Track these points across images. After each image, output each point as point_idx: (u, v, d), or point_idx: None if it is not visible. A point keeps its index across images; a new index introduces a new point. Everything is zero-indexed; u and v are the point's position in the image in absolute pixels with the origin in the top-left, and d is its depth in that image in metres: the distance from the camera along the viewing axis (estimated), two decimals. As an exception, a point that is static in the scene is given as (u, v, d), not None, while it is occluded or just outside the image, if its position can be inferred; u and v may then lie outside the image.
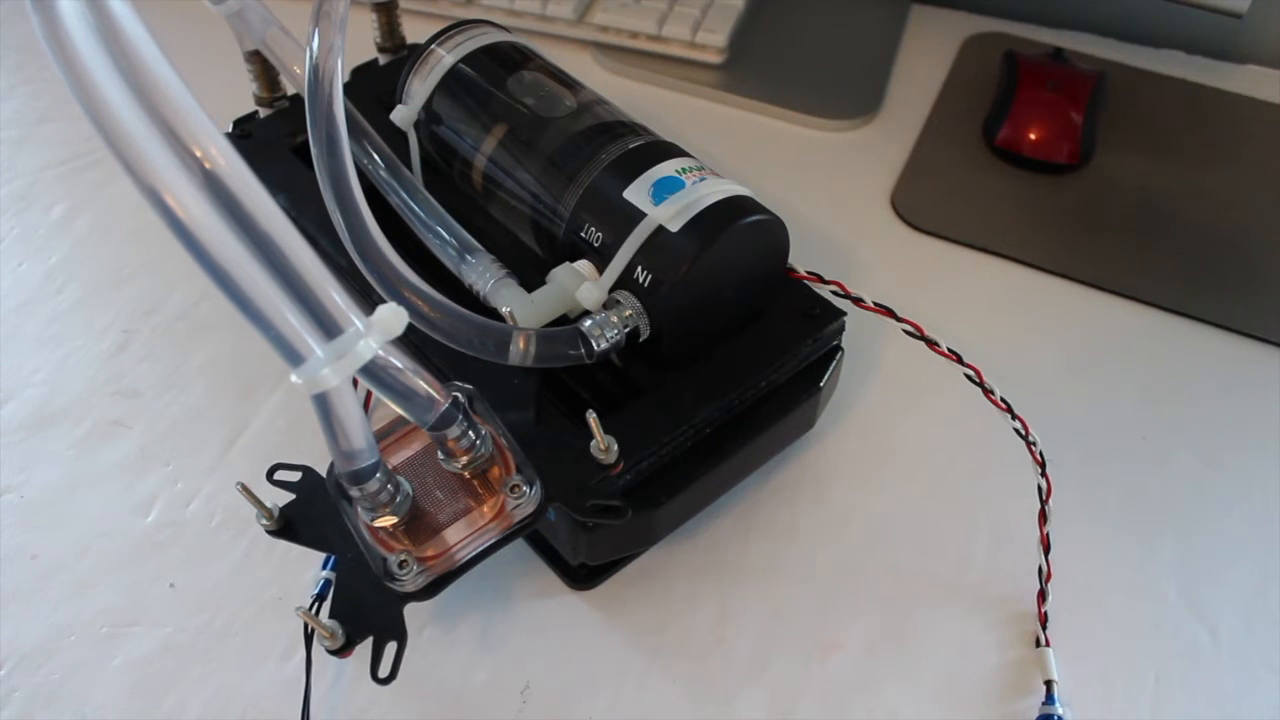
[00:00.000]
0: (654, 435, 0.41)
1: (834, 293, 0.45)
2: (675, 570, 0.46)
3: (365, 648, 0.36)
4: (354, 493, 0.35)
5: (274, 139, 0.53)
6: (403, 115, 0.50)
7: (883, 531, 0.47)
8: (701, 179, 0.43)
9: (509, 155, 0.47)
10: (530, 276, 0.44)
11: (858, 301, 0.45)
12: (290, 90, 0.54)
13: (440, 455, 0.38)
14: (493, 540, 0.37)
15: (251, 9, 0.48)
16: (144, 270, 0.58)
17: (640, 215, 0.42)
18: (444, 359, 0.42)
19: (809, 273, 0.46)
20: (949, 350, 0.44)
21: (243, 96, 0.54)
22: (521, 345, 0.39)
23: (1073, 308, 0.57)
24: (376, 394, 0.32)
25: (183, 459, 0.50)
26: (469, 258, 0.44)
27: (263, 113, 0.55)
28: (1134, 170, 0.64)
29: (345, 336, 0.29)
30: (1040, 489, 0.44)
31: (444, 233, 0.45)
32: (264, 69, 0.53)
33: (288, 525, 0.39)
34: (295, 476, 0.40)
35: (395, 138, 0.49)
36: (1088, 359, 0.54)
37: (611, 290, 0.42)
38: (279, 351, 0.28)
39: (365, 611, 0.37)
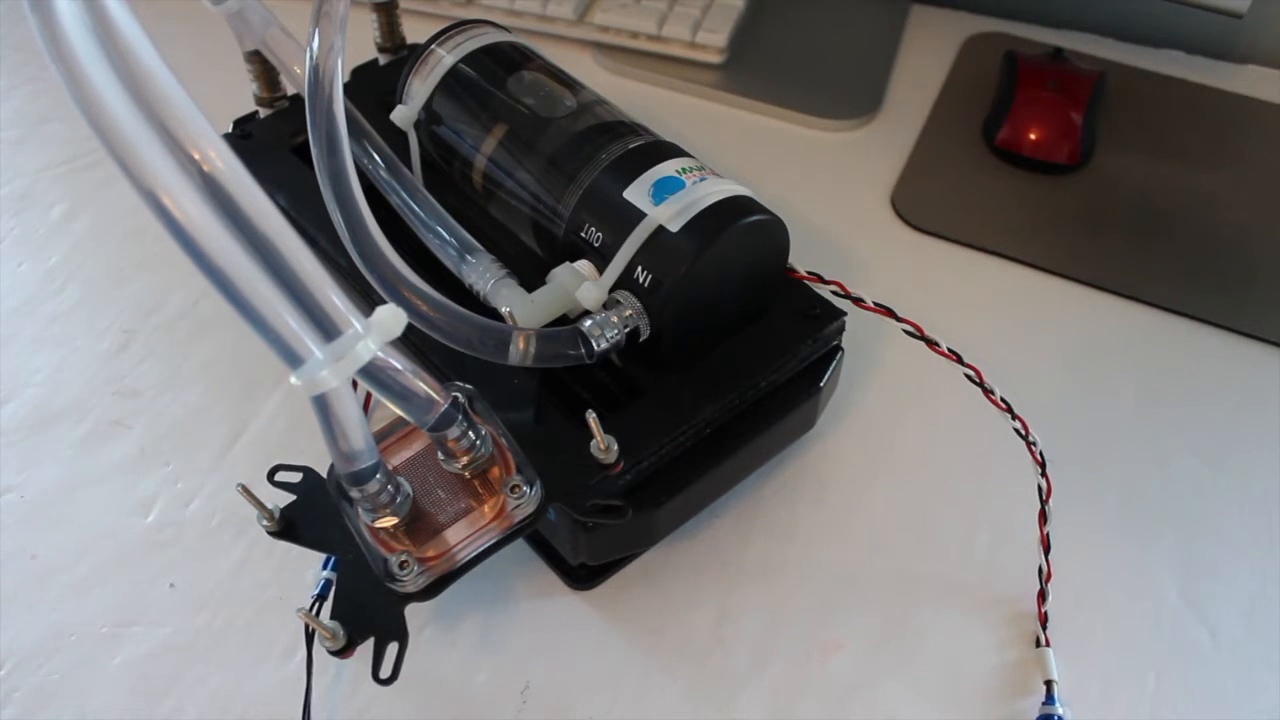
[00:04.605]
0: (654, 435, 0.41)
1: (834, 293, 0.45)
2: (675, 570, 0.46)
3: (366, 648, 0.36)
4: (354, 494, 0.35)
5: (274, 139, 0.53)
6: (403, 115, 0.50)
7: (883, 531, 0.47)
8: (701, 179, 0.43)
9: (509, 155, 0.47)
10: (530, 276, 0.44)
11: (858, 301, 0.45)
12: (290, 90, 0.54)
13: (440, 456, 0.38)
14: (493, 540, 0.37)
15: (251, 9, 0.48)
16: (144, 270, 0.58)
17: (640, 215, 0.42)
18: (444, 359, 0.42)
19: (809, 273, 0.46)
20: (949, 350, 0.44)
21: (243, 96, 0.54)
22: (521, 345, 0.39)
23: (1073, 308, 0.57)
24: (376, 395, 0.32)
25: (183, 459, 0.50)
26: (469, 258, 0.44)
27: (263, 113, 0.55)
28: (1134, 170, 0.64)
29: (344, 338, 0.29)
30: (1040, 489, 0.44)
31: (444, 233, 0.45)
32: (264, 69, 0.53)
33: (288, 526, 0.39)
34: (296, 477, 0.40)
35: (395, 138, 0.49)
36: (1088, 359, 0.54)
37: (611, 290, 0.42)
38: (278, 353, 0.28)
39: (366, 612, 0.37)
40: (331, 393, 0.29)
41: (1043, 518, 0.44)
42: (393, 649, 0.36)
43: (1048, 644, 0.43)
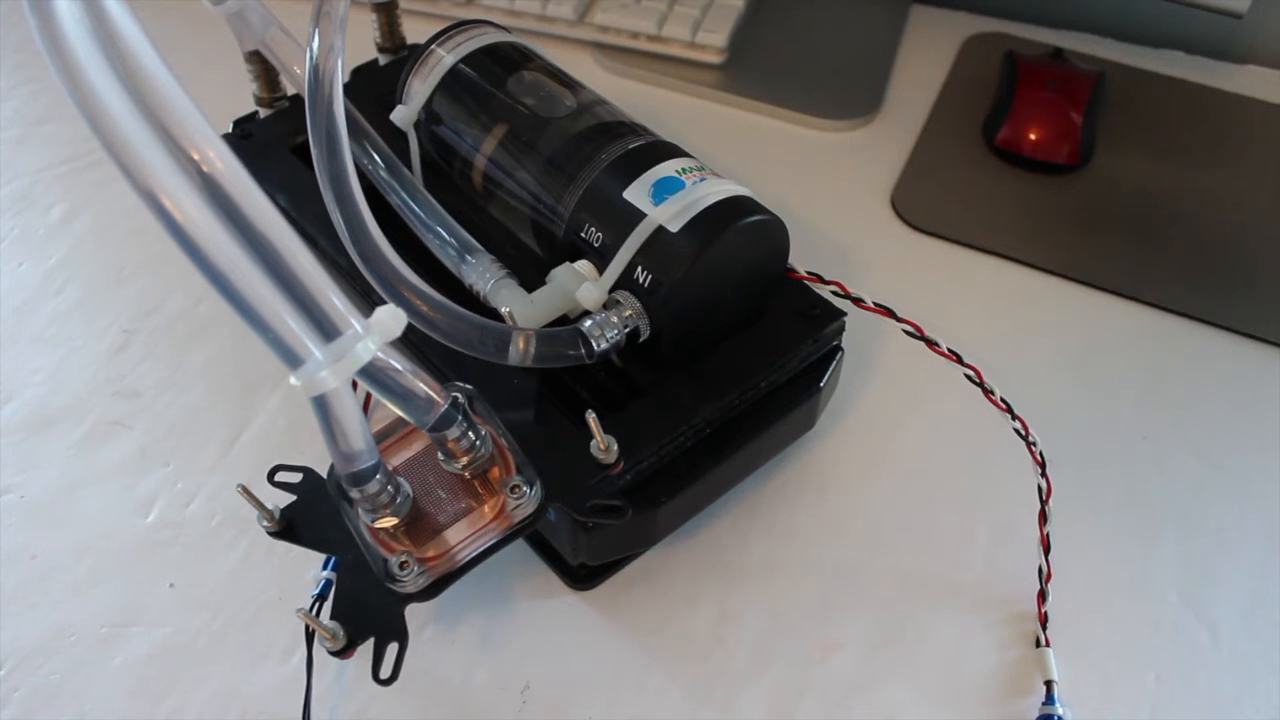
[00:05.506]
0: (654, 435, 0.41)
1: (834, 293, 0.45)
2: (675, 570, 0.46)
3: (366, 648, 0.36)
4: (354, 494, 0.35)
5: (274, 139, 0.53)
6: (403, 115, 0.50)
7: (883, 531, 0.47)
8: (701, 179, 0.43)
9: (509, 155, 0.47)
10: (530, 276, 0.44)
11: (858, 301, 0.45)
12: (290, 90, 0.54)
13: (440, 456, 0.38)
14: (493, 540, 0.37)
15: (251, 9, 0.48)
16: (144, 270, 0.58)
17: (640, 215, 0.42)
18: (444, 359, 0.42)
19: (809, 273, 0.46)
20: (949, 350, 0.44)
21: (243, 96, 0.54)
22: (521, 345, 0.39)
23: (1073, 308, 0.57)
24: (376, 395, 0.32)
25: (183, 459, 0.50)
26: (469, 258, 0.44)
27: (263, 113, 0.55)
28: (1134, 170, 0.64)
29: (344, 338, 0.29)
30: (1040, 489, 0.44)
31: (444, 233, 0.45)
32: (264, 69, 0.53)
33: (288, 526, 0.39)
34: (296, 478, 0.40)
35: (395, 138, 0.49)
36: (1088, 359, 0.54)
37: (612, 290, 0.42)
38: (278, 354, 0.28)
39: (366, 612, 0.37)
40: (331, 393, 0.29)
41: (1043, 518, 0.44)
42: (393, 649, 0.36)
43: (1048, 644, 0.43)
